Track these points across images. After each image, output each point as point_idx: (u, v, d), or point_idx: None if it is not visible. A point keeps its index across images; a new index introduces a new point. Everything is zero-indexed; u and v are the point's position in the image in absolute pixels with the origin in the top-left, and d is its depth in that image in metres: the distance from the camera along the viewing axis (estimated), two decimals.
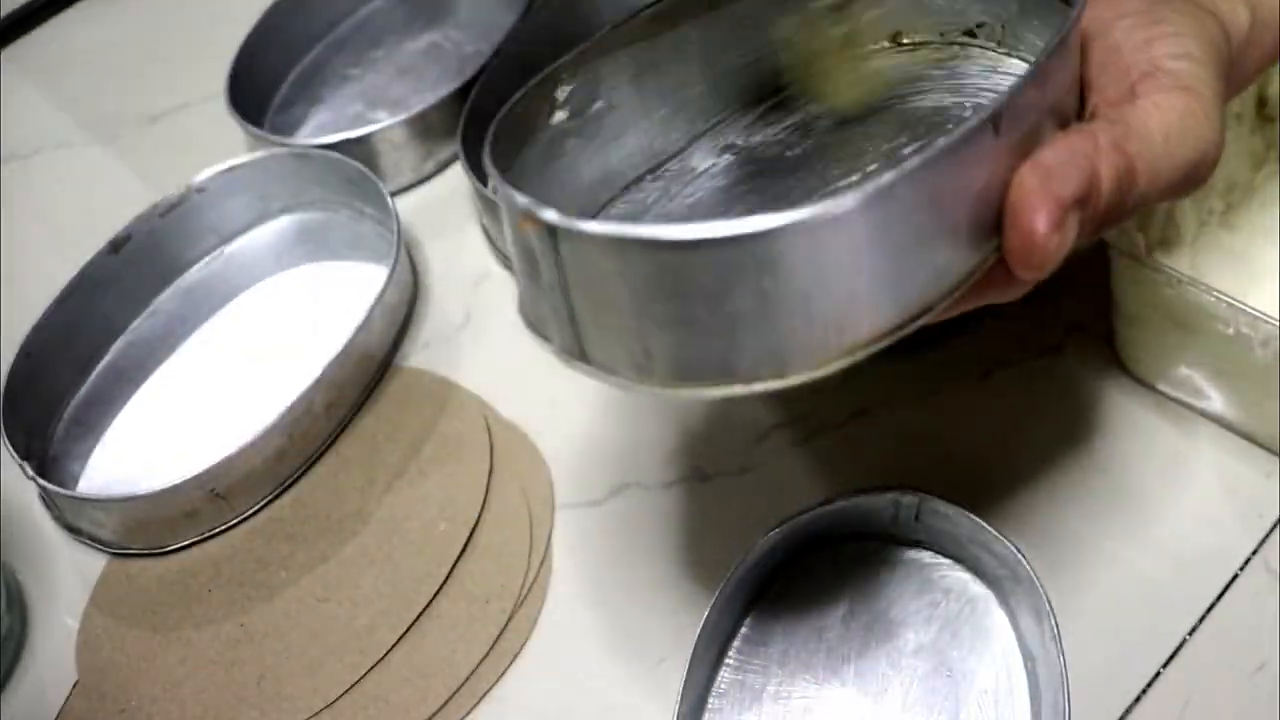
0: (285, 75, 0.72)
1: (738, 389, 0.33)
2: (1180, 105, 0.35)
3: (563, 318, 0.34)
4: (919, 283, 0.33)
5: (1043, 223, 0.32)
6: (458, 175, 0.67)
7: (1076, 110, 0.37)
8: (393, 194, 0.62)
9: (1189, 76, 0.35)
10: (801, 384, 0.33)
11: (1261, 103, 0.57)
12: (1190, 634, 0.48)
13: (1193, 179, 0.36)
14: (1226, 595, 0.49)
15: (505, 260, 0.61)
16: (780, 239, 0.30)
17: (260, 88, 0.70)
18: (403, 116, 0.64)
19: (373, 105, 0.71)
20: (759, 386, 0.32)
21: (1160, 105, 0.35)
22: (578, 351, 0.34)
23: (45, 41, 0.78)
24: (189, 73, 0.68)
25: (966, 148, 0.32)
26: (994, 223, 0.34)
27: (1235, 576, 0.49)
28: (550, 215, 0.32)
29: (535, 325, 0.36)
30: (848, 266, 0.31)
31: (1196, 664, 0.47)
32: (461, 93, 0.65)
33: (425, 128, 0.65)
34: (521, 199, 0.32)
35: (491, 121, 0.38)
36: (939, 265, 0.33)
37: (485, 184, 0.57)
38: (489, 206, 0.59)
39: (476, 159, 0.58)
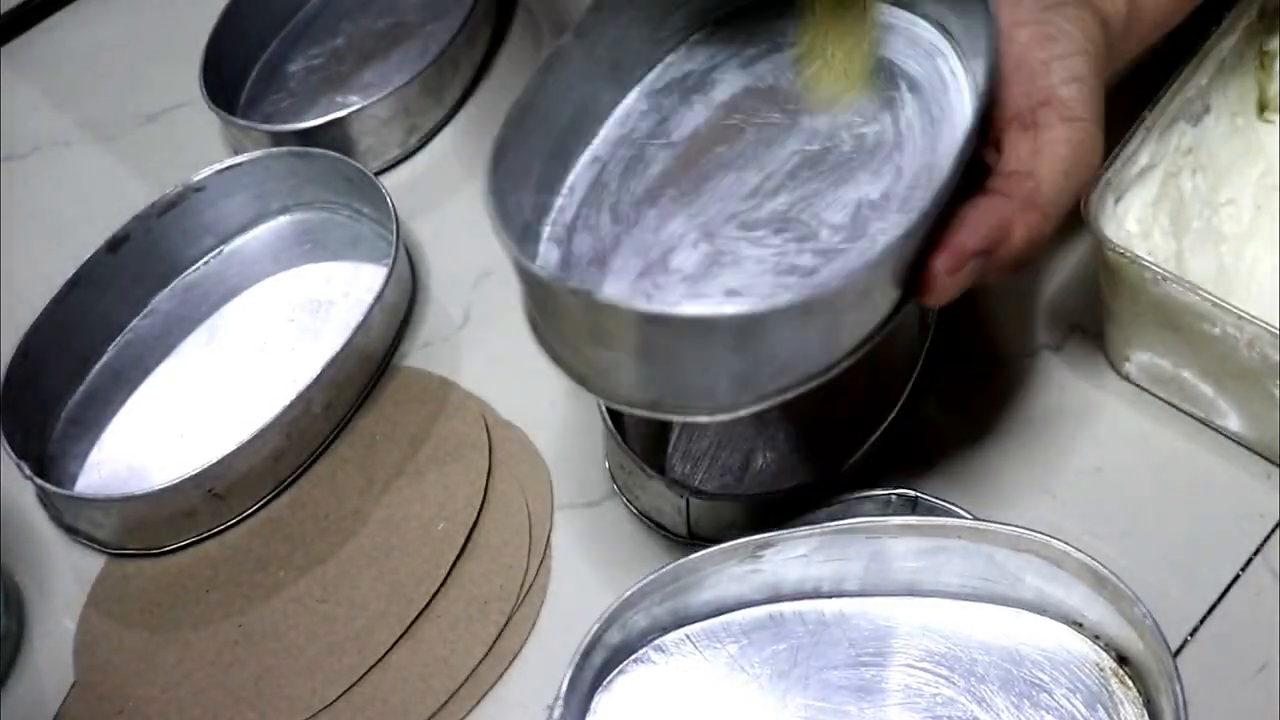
0: (249, 70, 0.72)
1: (660, 416, 0.40)
2: (1074, 138, 0.41)
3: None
4: (841, 340, 0.39)
5: (941, 265, 0.39)
6: (441, 146, 0.68)
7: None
8: (378, 172, 0.62)
9: (1079, 104, 0.42)
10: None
11: (1261, 106, 0.57)
12: (1192, 635, 0.48)
13: (1080, 193, 0.44)
14: (1228, 596, 0.49)
15: None
16: (715, 324, 0.36)
17: (229, 83, 0.70)
18: (381, 95, 0.65)
19: (344, 91, 0.71)
20: (678, 418, 0.41)
21: (1058, 139, 0.41)
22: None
23: (43, 40, 0.78)
24: (186, 71, 0.67)
25: (896, 249, 0.37)
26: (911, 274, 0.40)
27: (1236, 577, 0.49)
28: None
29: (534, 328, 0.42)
30: (782, 341, 0.37)
31: (1198, 665, 0.47)
32: (436, 64, 0.66)
33: (405, 105, 0.66)
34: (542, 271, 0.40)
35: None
36: (862, 322, 0.39)
37: None
38: None
39: None
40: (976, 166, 0.42)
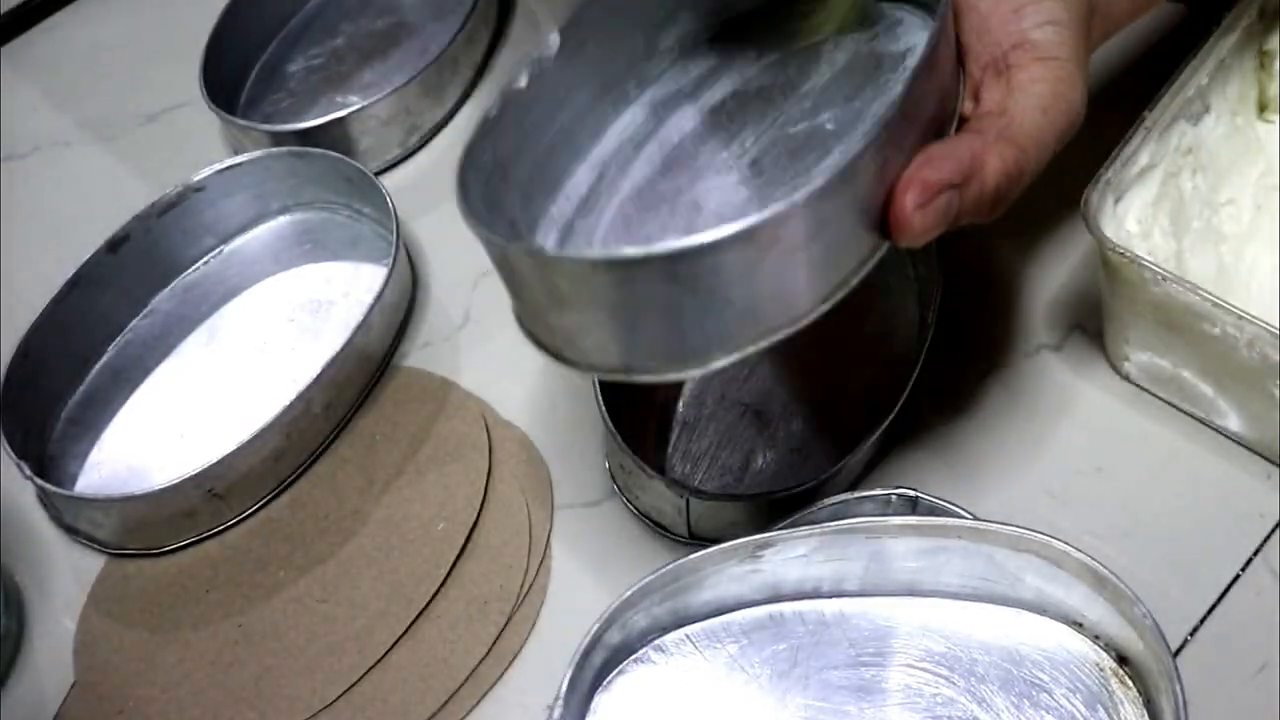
0: (249, 70, 0.72)
1: (635, 379, 0.38)
2: (1050, 76, 0.40)
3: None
4: (808, 282, 0.37)
5: (910, 200, 0.37)
6: (440, 146, 0.68)
7: (958, 79, 0.42)
8: (378, 172, 0.63)
9: (1053, 45, 0.41)
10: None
11: (1261, 106, 0.57)
12: (1192, 635, 0.48)
13: (1066, 138, 0.41)
14: (1228, 596, 0.49)
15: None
16: (658, 259, 0.35)
17: (229, 83, 0.70)
18: (381, 95, 0.65)
19: (344, 91, 0.71)
20: (652, 378, 0.38)
21: (1034, 79, 0.40)
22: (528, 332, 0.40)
23: (43, 40, 0.78)
24: (186, 71, 0.67)
25: (847, 175, 0.36)
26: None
27: (1236, 577, 0.49)
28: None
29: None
30: (737, 279, 0.36)
31: (1198, 665, 0.47)
32: (436, 64, 0.66)
33: (405, 105, 0.66)
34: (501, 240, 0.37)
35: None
36: (828, 263, 0.38)
37: None
38: None
39: None
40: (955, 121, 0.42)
